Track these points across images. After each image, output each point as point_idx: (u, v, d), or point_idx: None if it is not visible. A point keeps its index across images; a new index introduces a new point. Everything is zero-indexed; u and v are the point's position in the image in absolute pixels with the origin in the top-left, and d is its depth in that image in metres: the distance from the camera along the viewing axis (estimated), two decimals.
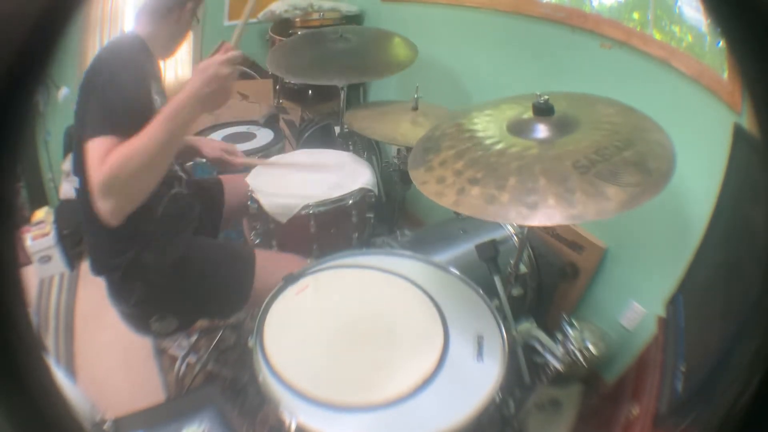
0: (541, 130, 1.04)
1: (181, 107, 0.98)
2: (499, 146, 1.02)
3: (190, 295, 1.28)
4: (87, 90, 1.06)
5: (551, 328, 1.12)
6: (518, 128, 1.07)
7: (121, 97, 1.01)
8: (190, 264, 1.26)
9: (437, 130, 1.17)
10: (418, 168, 1.05)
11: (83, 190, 1.04)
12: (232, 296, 1.30)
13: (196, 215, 1.38)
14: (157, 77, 1.23)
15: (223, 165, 1.56)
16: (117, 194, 0.94)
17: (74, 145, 1.07)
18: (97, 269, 1.23)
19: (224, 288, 1.29)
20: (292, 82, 2.37)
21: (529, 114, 1.06)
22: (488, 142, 1.04)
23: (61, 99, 1.14)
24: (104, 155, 0.93)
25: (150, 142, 0.95)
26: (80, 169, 1.03)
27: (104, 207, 0.94)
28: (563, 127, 1.04)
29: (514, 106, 1.15)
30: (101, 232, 1.17)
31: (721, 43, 1.11)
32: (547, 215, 0.86)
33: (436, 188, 0.97)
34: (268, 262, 1.33)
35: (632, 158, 0.93)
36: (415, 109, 1.67)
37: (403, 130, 1.59)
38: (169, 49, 1.28)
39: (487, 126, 1.11)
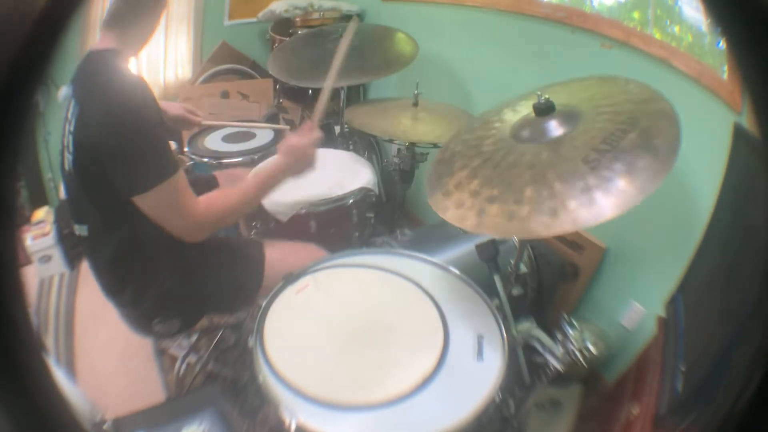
0: (551, 130, 1.02)
1: (276, 178, 1.21)
2: (510, 158, 1.00)
3: (199, 293, 1.27)
4: (118, 147, 1.04)
5: (551, 328, 1.12)
6: (524, 135, 1.06)
7: (159, 138, 1.08)
8: (198, 260, 1.26)
9: (447, 152, 1.16)
10: (436, 193, 1.05)
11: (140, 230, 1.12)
12: (242, 289, 1.29)
13: None
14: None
15: (184, 123, 1.56)
16: (210, 229, 1.17)
17: (119, 198, 1.07)
18: (107, 288, 1.24)
19: (234, 280, 1.28)
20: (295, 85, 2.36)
21: (530, 116, 1.06)
22: (499, 154, 1.03)
23: (61, 99, 1.13)
24: (189, 194, 1.11)
25: (248, 200, 1.19)
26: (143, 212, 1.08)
27: (199, 237, 1.15)
28: (569, 120, 1.02)
29: (514, 111, 1.15)
30: (106, 256, 1.20)
31: (721, 43, 1.11)
32: (571, 220, 0.84)
33: (456, 213, 0.97)
34: (279, 251, 1.33)
35: (638, 140, 0.90)
36: (416, 105, 1.67)
37: (404, 126, 1.59)
38: (140, 47, 1.18)
39: (494, 134, 1.10)
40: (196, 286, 1.25)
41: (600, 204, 0.84)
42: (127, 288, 1.21)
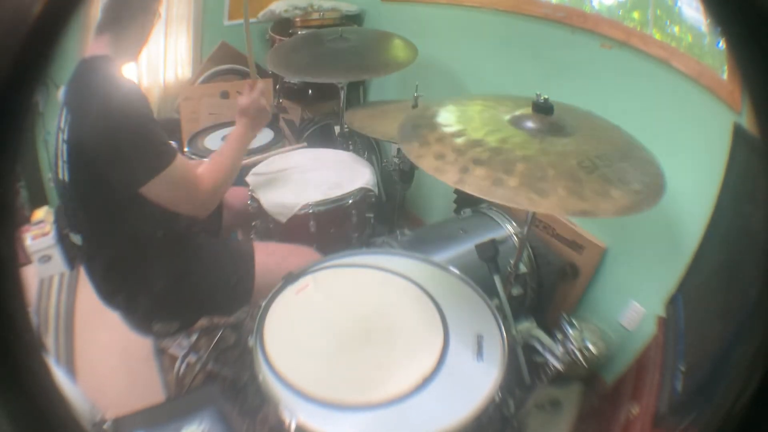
0: (534, 125, 1.03)
1: (244, 138, 1.31)
2: (498, 135, 1.01)
3: (192, 294, 1.28)
4: (117, 145, 1.04)
5: (551, 328, 1.12)
6: (515, 120, 1.07)
7: (155, 128, 1.10)
8: (189, 262, 1.26)
9: (429, 111, 1.16)
10: (411, 142, 1.03)
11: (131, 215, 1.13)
12: (234, 292, 1.30)
13: (184, 223, 1.39)
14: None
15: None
16: (218, 197, 1.27)
17: (121, 189, 1.08)
18: (103, 294, 1.24)
19: (225, 284, 1.29)
20: (292, 81, 2.37)
21: (525, 111, 1.06)
22: (489, 128, 1.03)
23: (61, 99, 1.13)
24: (193, 172, 1.17)
25: (233, 162, 1.27)
26: (138, 198, 1.08)
27: (210, 208, 1.23)
28: (557, 128, 1.03)
29: (507, 104, 1.15)
30: (100, 262, 1.21)
31: (721, 43, 1.11)
32: (559, 203, 0.85)
33: (435, 164, 0.95)
34: (270, 253, 1.34)
35: (631, 168, 0.93)
36: (416, 107, 1.66)
37: None
38: (135, 53, 1.17)
39: (478, 116, 1.11)
40: (188, 288, 1.26)
41: (591, 202, 0.84)
42: (122, 292, 1.21)
